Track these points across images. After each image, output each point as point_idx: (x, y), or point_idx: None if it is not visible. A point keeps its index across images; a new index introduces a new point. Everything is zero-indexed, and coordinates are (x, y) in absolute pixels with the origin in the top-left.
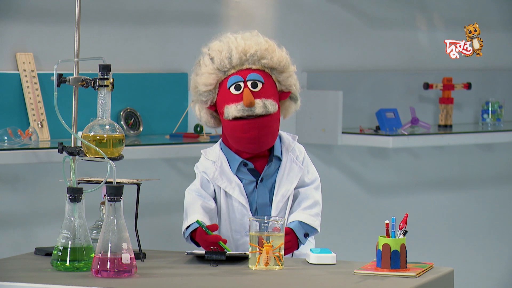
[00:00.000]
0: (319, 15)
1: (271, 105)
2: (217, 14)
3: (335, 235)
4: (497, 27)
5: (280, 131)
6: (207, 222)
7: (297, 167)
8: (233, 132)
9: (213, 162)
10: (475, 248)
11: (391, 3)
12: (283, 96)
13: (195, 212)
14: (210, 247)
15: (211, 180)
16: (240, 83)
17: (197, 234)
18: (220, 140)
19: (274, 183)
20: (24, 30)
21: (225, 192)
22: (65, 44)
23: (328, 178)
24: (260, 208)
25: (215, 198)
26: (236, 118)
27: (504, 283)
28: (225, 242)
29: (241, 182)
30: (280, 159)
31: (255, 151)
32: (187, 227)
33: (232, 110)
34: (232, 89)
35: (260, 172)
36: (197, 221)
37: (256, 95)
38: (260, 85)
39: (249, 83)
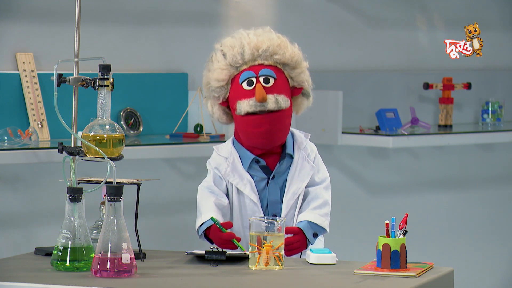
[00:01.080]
0: (319, 15)
1: (283, 101)
2: (217, 14)
3: (335, 235)
4: (497, 27)
5: (292, 129)
6: (220, 219)
7: (309, 166)
8: (245, 127)
9: (225, 158)
10: (475, 248)
11: (391, 3)
12: (295, 92)
13: (208, 209)
14: (224, 245)
15: (223, 177)
16: (252, 78)
17: (211, 232)
18: (233, 136)
19: (286, 180)
20: (24, 30)
21: (237, 188)
22: (65, 44)
23: None
24: (271, 205)
25: (227, 195)
26: (248, 114)
27: (504, 283)
28: (239, 240)
29: (253, 179)
30: (292, 157)
31: (266, 146)
32: (201, 225)
33: (244, 106)
34: (245, 85)
35: (272, 169)
36: (212, 218)
37: (268, 90)
38: (272, 81)
39: (261, 79)
